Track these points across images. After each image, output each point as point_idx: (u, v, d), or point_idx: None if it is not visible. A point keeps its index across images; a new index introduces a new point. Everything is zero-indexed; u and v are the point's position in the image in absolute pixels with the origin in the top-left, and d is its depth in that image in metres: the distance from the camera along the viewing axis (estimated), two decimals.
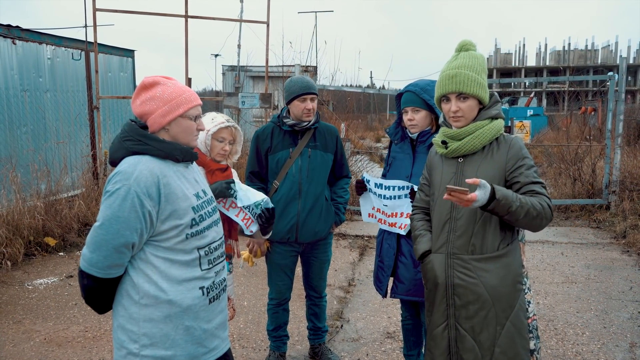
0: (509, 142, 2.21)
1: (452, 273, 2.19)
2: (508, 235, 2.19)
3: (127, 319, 1.86)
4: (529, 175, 2.14)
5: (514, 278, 2.17)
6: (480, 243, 2.15)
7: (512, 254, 2.19)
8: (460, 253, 2.18)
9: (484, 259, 2.15)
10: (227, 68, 15.01)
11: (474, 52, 2.28)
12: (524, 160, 2.17)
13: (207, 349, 1.97)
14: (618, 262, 5.86)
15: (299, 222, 3.16)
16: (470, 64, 2.21)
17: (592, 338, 3.95)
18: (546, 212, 2.09)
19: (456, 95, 2.21)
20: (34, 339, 3.97)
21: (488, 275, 2.13)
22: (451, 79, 2.20)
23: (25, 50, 7.66)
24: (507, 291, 2.14)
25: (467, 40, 2.31)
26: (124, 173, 1.81)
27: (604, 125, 8.85)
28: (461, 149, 2.23)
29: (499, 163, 2.18)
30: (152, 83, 1.93)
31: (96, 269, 1.79)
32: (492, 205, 2.00)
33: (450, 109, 2.24)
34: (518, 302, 2.17)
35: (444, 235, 2.24)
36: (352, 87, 10.06)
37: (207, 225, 1.98)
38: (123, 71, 9.84)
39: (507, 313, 2.13)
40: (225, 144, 2.71)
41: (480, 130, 2.20)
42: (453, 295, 2.19)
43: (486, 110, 2.26)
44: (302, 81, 3.12)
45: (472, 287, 2.15)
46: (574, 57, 56.67)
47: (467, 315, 2.16)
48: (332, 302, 4.72)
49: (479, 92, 2.20)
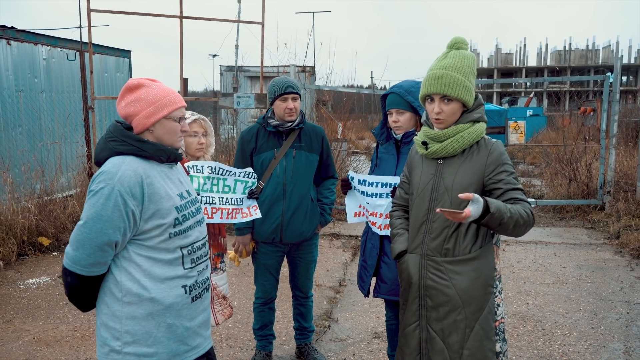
0: (490, 147, 2.21)
1: (425, 274, 2.22)
2: (481, 239, 2.21)
3: (110, 316, 1.89)
4: (510, 181, 2.15)
5: (485, 281, 2.18)
6: (454, 246, 2.17)
7: (485, 257, 2.21)
8: (434, 255, 2.21)
9: (456, 261, 2.17)
10: (225, 68, 15.03)
11: (465, 51, 2.25)
12: (504, 167, 2.17)
13: (189, 346, 2.00)
14: (610, 262, 5.86)
15: (284, 222, 3.17)
16: (459, 65, 2.18)
17: (580, 339, 3.96)
18: (530, 219, 2.11)
19: (440, 96, 2.19)
20: (23, 338, 3.98)
21: (459, 277, 2.15)
22: (437, 80, 2.17)
23: (20, 51, 7.68)
24: (478, 294, 2.16)
25: (459, 38, 2.27)
26: (107, 173, 1.84)
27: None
28: (441, 151, 2.23)
29: (478, 167, 2.18)
30: (137, 85, 1.97)
31: (79, 266, 1.82)
32: (486, 219, 2.00)
33: (433, 110, 2.22)
34: (487, 305, 2.18)
35: (419, 236, 2.26)
36: (348, 87, 10.06)
37: (191, 225, 2.01)
38: (119, 71, 9.85)
39: (476, 316, 2.15)
40: (199, 137, 2.73)
41: (461, 134, 2.19)
42: (425, 296, 2.21)
43: (469, 113, 2.24)
44: (283, 81, 3.13)
45: (443, 288, 2.17)
46: (575, 57, 56.61)
47: (437, 317, 2.18)
48: (322, 302, 4.73)
49: (464, 95, 2.18)
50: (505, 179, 2.15)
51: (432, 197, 2.24)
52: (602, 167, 7.88)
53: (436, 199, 2.22)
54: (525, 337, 3.98)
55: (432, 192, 2.24)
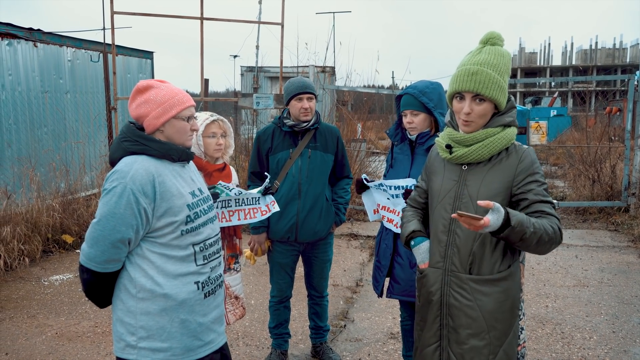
0: (520, 154, 2.00)
1: (447, 291, 2.04)
2: (509, 256, 2.03)
3: (125, 312, 1.95)
4: (539, 193, 1.95)
5: (513, 303, 2.02)
6: (480, 262, 1.99)
7: (513, 277, 2.03)
8: (458, 271, 2.02)
9: (483, 281, 1.99)
10: (246, 69, 15.16)
11: (501, 47, 2.03)
12: (535, 176, 1.97)
13: (202, 342, 2.04)
14: (634, 266, 5.73)
15: (299, 221, 3.19)
16: (495, 62, 1.96)
17: (600, 342, 3.89)
18: (557, 236, 1.92)
19: (472, 95, 1.97)
20: (46, 333, 4.09)
21: (486, 299, 1.98)
22: (471, 76, 1.95)
23: (46, 53, 7.87)
24: (504, 317, 1.99)
25: (495, 33, 2.04)
26: (120, 172, 1.90)
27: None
28: (467, 157, 2.02)
29: (507, 176, 1.98)
30: (146, 87, 2.02)
31: (94, 263, 1.88)
32: (506, 233, 1.80)
33: (462, 110, 2.00)
34: (513, 330, 2.03)
35: (441, 249, 2.07)
36: (368, 87, 10.04)
37: (203, 222, 2.05)
38: (142, 72, 10.02)
39: (501, 341, 2.00)
40: (218, 138, 2.76)
41: (491, 139, 1.99)
42: (447, 315, 2.05)
43: (500, 117, 2.03)
44: (298, 81, 3.16)
45: (467, 309, 1.99)
46: (602, 56, 55.45)
47: (457, 339, 2.02)
48: (339, 302, 4.74)
49: (498, 95, 1.97)
50: (535, 189, 1.95)
51: (455, 206, 2.04)
52: (626, 168, 7.71)
53: (459, 208, 2.02)
54: (544, 340, 3.93)
55: (454, 200, 2.05)
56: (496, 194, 1.98)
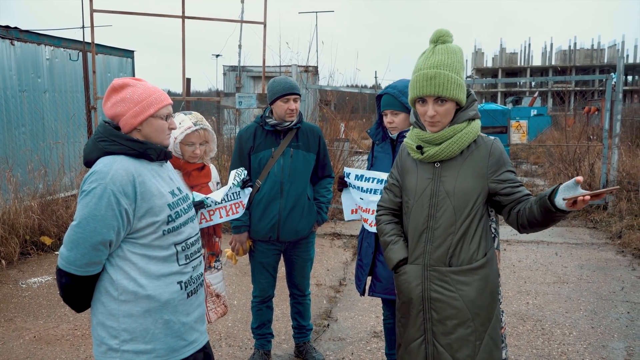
0: (489, 146, 2.09)
1: (429, 286, 2.09)
2: (485, 244, 2.10)
3: (107, 315, 1.91)
4: (515, 180, 2.09)
5: (492, 289, 2.09)
6: (458, 254, 2.06)
7: (490, 264, 2.10)
8: (438, 265, 2.08)
9: (462, 271, 2.05)
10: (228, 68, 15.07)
11: (451, 44, 2.08)
12: (507, 166, 2.10)
13: (186, 342, 2.02)
14: (612, 262, 5.83)
15: (280, 220, 3.18)
16: (449, 62, 2.01)
17: (579, 338, 3.94)
18: None
19: (434, 98, 2.03)
20: (24, 337, 4.01)
21: (467, 288, 2.04)
22: (429, 80, 2.00)
23: (23, 51, 7.73)
24: (486, 303, 2.06)
25: (443, 30, 2.09)
26: (99, 172, 1.86)
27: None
28: (439, 155, 2.08)
29: (480, 168, 2.07)
30: (122, 85, 1.99)
31: (74, 267, 1.84)
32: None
33: (427, 112, 2.05)
34: (495, 314, 2.10)
35: (420, 245, 2.12)
36: (350, 87, 10.06)
37: (183, 221, 2.03)
38: (122, 71, 9.89)
39: (485, 327, 2.06)
40: (196, 147, 2.70)
41: (459, 135, 2.06)
42: (430, 309, 2.09)
43: (464, 112, 2.10)
44: (285, 82, 3.14)
45: (450, 301, 2.05)
46: (580, 57, 56.33)
47: (444, 331, 2.06)
48: (322, 301, 4.74)
49: (458, 94, 2.03)
50: (512, 177, 2.08)
51: (431, 203, 2.09)
52: (604, 166, 7.85)
53: (436, 205, 2.08)
54: (525, 337, 3.97)
55: (431, 197, 2.10)
56: (472, 187, 2.06)
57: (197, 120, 2.70)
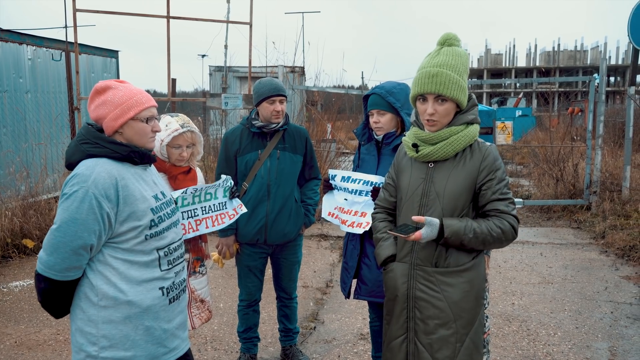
0: (484, 151, 2.10)
1: (414, 284, 2.11)
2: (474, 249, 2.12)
3: (86, 321, 1.88)
4: (497, 190, 2.06)
5: (477, 293, 2.11)
6: (445, 255, 2.08)
7: (477, 268, 2.12)
8: (424, 264, 2.10)
9: (449, 272, 2.07)
10: (214, 68, 14.98)
11: (458, 48, 2.12)
12: (496, 173, 2.07)
13: (167, 349, 1.99)
14: (596, 262, 5.90)
15: (268, 223, 3.16)
16: (453, 63, 2.05)
17: (564, 338, 3.98)
18: (506, 235, 2.05)
19: (434, 96, 2.06)
20: (4, 342, 3.93)
21: (451, 289, 2.06)
22: (431, 78, 2.03)
23: (4, 51, 7.59)
24: (470, 307, 2.07)
25: (451, 34, 2.13)
26: (81, 175, 1.83)
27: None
28: (433, 155, 2.11)
29: (471, 172, 2.08)
30: (105, 87, 1.97)
31: (53, 271, 1.80)
32: (443, 241, 2.01)
33: (426, 110, 2.08)
34: (478, 318, 2.11)
35: (408, 244, 2.14)
36: (337, 87, 10.05)
37: (167, 226, 2.00)
38: (107, 72, 9.78)
39: (467, 329, 2.07)
40: (182, 150, 2.67)
41: (455, 137, 2.08)
42: (414, 307, 2.11)
43: (463, 115, 2.12)
44: (270, 83, 3.12)
45: (434, 301, 2.07)
46: (564, 58, 56.98)
47: (426, 330, 2.09)
48: (309, 303, 4.72)
49: (459, 95, 2.05)
50: (495, 186, 2.06)
51: (422, 203, 2.12)
52: (588, 167, 7.94)
53: (426, 205, 2.11)
54: (510, 338, 3.99)
55: (422, 197, 2.12)
56: (462, 191, 2.07)
57: (184, 122, 2.67)
